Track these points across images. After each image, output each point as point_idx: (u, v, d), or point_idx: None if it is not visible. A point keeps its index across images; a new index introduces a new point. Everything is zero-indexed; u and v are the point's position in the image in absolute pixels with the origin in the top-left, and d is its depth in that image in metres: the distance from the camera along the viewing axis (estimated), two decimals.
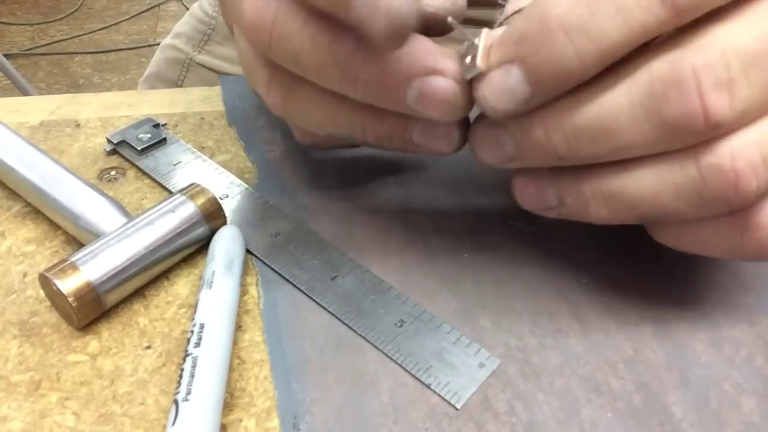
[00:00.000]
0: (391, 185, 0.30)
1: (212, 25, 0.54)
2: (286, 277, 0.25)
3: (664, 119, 0.18)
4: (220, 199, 0.28)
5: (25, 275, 0.25)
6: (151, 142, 0.31)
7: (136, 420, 0.21)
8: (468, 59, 0.20)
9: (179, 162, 0.30)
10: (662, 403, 0.21)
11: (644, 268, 0.26)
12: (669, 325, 0.24)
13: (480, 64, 0.20)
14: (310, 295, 0.24)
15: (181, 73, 0.55)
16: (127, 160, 0.31)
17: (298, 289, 0.25)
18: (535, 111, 0.20)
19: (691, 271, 0.26)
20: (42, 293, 0.24)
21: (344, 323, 0.24)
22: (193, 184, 0.26)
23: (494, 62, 0.20)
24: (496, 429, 0.21)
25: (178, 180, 0.29)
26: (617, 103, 0.19)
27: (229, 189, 0.29)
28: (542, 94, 0.20)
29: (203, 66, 0.54)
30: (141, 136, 0.31)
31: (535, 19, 0.19)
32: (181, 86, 0.55)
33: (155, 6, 2.19)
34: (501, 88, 0.20)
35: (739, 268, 0.26)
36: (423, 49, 0.21)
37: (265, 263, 0.26)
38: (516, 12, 0.21)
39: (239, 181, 0.29)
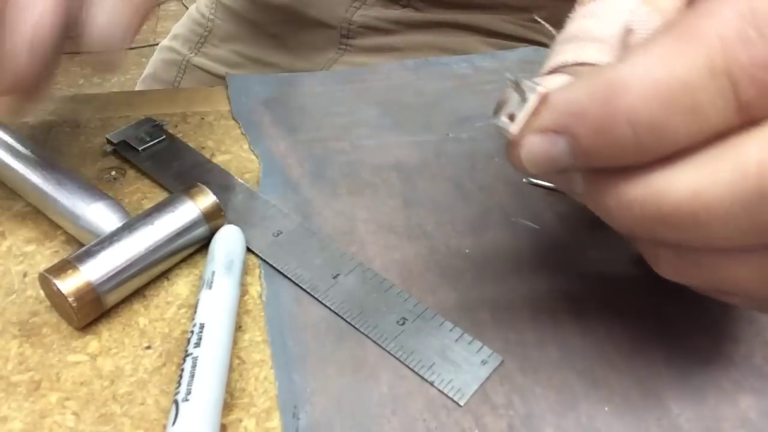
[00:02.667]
0: (394, 181, 0.30)
1: (208, 27, 0.54)
2: (289, 276, 0.25)
3: None
4: None
5: (25, 275, 0.25)
6: (151, 142, 0.31)
7: (136, 420, 0.21)
8: (505, 114, 0.18)
9: (179, 162, 0.30)
10: (660, 398, 0.21)
11: (644, 264, 0.26)
12: (668, 321, 0.24)
13: (515, 131, 0.18)
14: (312, 293, 0.25)
15: (178, 75, 0.55)
16: (127, 160, 0.31)
17: (301, 288, 0.25)
18: (604, 178, 0.17)
19: None
20: (42, 293, 0.24)
21: (347, 321, 0.24)
22: (193, 184, 0.26)
23: (540, 126, 0.18)
24: (493, 421, 0.21)
25: (178, 180, 0.29)
26: (715, 196, 0.16)
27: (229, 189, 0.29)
28: (584, 166, 0.18)
29: (199, 68, 0.54)
30: (141, 136, 0.31)
31: (600, 98, 0.16)
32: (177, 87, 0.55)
33: (155, 6, 2.19)
34: (542, 154, 0.18)
35: None
36: None
37: (266, 262, 0.26)
38: (578, 64, 0.19)
39: (240, 181, 0.30)
